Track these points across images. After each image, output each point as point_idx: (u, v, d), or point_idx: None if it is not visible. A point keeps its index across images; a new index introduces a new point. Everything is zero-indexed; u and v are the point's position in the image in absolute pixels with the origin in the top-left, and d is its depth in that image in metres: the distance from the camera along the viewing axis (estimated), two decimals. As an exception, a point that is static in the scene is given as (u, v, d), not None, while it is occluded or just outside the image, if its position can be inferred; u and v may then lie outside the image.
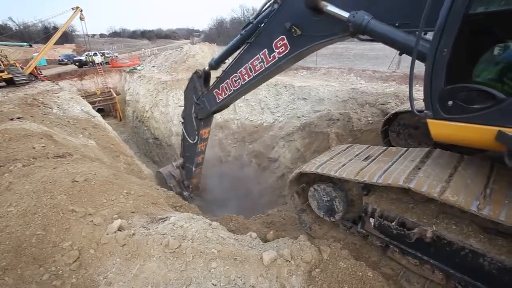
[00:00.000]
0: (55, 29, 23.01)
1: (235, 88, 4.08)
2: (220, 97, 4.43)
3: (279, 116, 9.95)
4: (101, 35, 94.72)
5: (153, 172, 8.74)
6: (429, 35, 2.19)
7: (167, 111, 13.85)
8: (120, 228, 2.87)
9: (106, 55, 30.59)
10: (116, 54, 36.09)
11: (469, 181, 2.28)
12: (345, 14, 2.60)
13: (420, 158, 2.75)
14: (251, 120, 11.01)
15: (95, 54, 26.91)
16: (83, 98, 13.83)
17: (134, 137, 18.07)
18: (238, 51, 3.93)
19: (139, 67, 21.86)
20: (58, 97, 10.29)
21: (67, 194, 3.20)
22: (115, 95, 22.03)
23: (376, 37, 2.58)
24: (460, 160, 2.64)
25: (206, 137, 5.61)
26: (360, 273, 2.55)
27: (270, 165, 9.06)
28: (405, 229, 2.48)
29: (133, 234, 2.80)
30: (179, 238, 2.75)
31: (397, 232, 2.53)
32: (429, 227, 2.37)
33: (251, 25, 3.73)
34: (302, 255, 2.67)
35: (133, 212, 3.35)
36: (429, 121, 2.31)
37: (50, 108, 8.92)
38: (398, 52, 2.58)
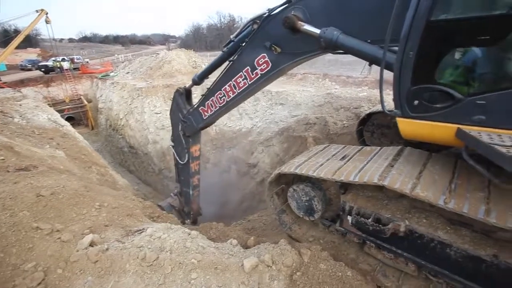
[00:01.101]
0: (17, 32, 21.52)
1: (221, 105, 4.17)
2: (206, 114, 4.50)
3: (257, 122, 10.01)
4: (70, 40, 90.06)
5: (128, 182, 8.36)
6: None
7: (142, 118, 13.40)
8: (92, 244, 2.69)
9: (75, 60, 29.11)
10: (87, 59, 34.48)
11: (437, 177, 2.44)
12: (318, 31, 2.76)
13: (393, 156, 2.90)
14: (229, 126, 10.96)
15: (63, 60, 25.49)
16: (50, 106, 12.96)
17: (108, 146, 17.23)
18: (222, 69, 4.01)
19: (112, 73, 21.04)
20: (21, 105, 9.54)
21: (31, 210, 2.94)
22: (86, 102, 20.94)
23: (346, 50, 2.74)
24: (428, 157, 2.82)
25: (197, 155, 5.53)
26: (340, 273, 2.60)
27: (249, 170, 9.04)
28: (380, 225, 2.58)
29: (107, 249, 2.63)
30: (156, 250, 2.63)
31: (373, 228, 2.62)
32: (402, 222, 2.48)
33: (232, 43, 3.84)
34: (283, 260, 2.66)
35: (106, 226, 3.16)
36: (398, 119, 2.47)
37: (10, 117, 8.24)
38: (368, 63, 2.73)
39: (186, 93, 5.00)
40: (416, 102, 2.29)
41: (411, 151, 2.95)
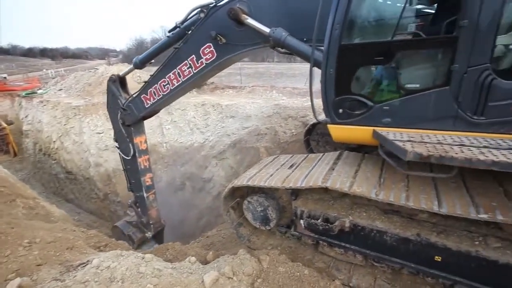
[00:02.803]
0: None
1: (164, 93, 4.05)
2: (148, 102, 4.30)
3: (209, 136, 9.94)
4: (-21, 52, 76.61)
5: (66, 213, 7.37)
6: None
7: (81, 139, 12.06)
8: (20, 289, 2.32)
9: (-12, 76, 24.90)
10: (4, 75, 29.76)
11: (369, 174, 2.80)
12: (266, 29, 3.02)
13: (333, 160, 3.22)
14: (180, 142, 10.63)
15: (-31, 76, 21.56)
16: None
17: (38, 174, 14.93)
18: (167, 57, 3.94)
19: (40, 91, 18.51)
20: None
21: None
22: (4, 125, 17.87)
23: (290, 49, 3.06)
24: (362, 158, 3.21)
25: (144, 148, 5.07)
26: (298, 273, 2.74)
27: (205, 185, 8.86)
28: (329, 224, 2.81)
29: (41, 291, 2.30)
30: (105, 282, 2.40)
31: (323, 228, 2.84)
32: (347, 218, 2.75)
33: (178, 29, 3.82)
34: (243, 269, 2.69)
35: (39, 265, 2.76)
36: (328, 126, 2.89)
37: None
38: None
39: (120, 80, 4.72)
40: (340, 110, 2.74)
41: (348, 154, 3.34)
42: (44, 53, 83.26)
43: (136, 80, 16.97)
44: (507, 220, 1.94)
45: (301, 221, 3.04)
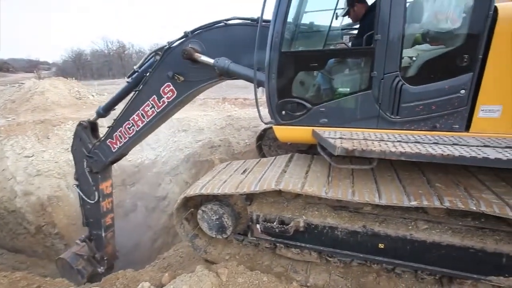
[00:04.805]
0: None
1: (130, 135, 4.07)
2: (115, 146, 4.25)
3: (161, 151, 9.43)
4: None
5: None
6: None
7: (4, 165, 10.26)
8: None
9: None
10: None
11: (318, 174, 2.97)
12: (212, 61, 3.18)
13: (285, 163, 3.34)
14: (129, 160, 9.83)
15: None
16: None
17: None
18: (128, 100, 4.01)
19: None
20: None
21: None
22: None
23: (236, 75, 3.27)
24: (311, 159, 3.40)
25: (109, 192, 4.88)
26: (257, 281, 2.72)
27: (159, 204, 8.30)
28: (284, 225, 2.87)
29: None
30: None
31: (279, 230, 2.88)
32: (301, 218, 2.84)
33: (136, 73, 3.92)
34: (202, 286, 2.56)
35: None
36: (274, 127, 3.08)
37: None
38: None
39: (91, 126, 4.60)
40: (283, 112, 2.94)
41: (298, 156, 3.51)
42: None
43: (74, 95, 15.39)
44: (430, 205, 2.24)
45: (258, 226, 3.04)
